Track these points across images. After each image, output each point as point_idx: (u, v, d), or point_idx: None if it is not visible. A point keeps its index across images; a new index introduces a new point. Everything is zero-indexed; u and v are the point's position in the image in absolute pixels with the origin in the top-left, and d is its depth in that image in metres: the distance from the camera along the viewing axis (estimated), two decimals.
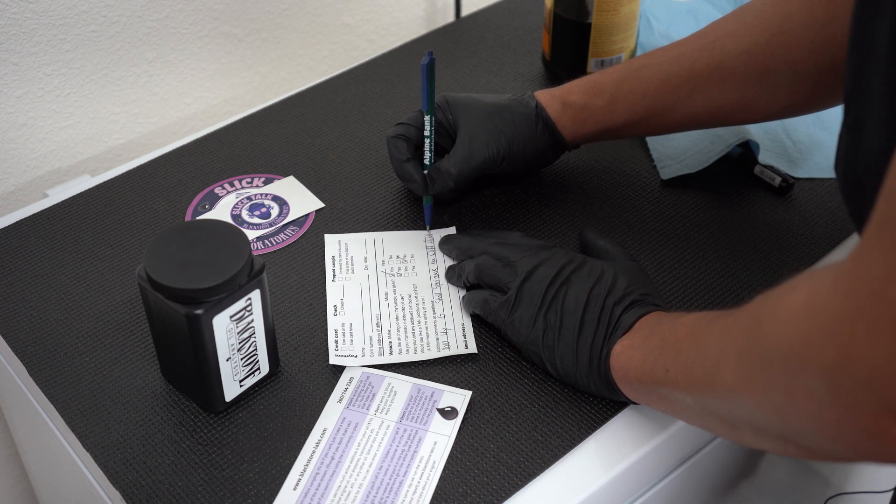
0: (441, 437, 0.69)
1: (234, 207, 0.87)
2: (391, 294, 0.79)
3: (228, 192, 0.89)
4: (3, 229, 0.86)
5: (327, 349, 0.75)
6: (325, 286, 0.80)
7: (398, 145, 0.82)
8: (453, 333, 0.76)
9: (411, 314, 0.77)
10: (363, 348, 0.75)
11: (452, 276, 0.79)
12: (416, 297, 0.79)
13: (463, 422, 0.70)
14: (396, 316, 0.77)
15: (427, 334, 0.76)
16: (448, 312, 0.77)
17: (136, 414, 0.71)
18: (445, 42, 1.08)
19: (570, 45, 0.98)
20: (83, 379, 0.73)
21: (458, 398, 0.71)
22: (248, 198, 0.88)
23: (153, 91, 1.03)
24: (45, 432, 0.78)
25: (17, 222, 0.87)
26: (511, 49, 1.07)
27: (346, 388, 0.72)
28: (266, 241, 0.84)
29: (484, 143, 0.81)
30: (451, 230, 0.85)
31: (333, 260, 0.82)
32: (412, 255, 0.82)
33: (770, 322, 0.49)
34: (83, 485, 0.74)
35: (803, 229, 0.85)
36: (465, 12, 1.20)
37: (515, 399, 0.72)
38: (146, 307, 0.68)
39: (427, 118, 0.81)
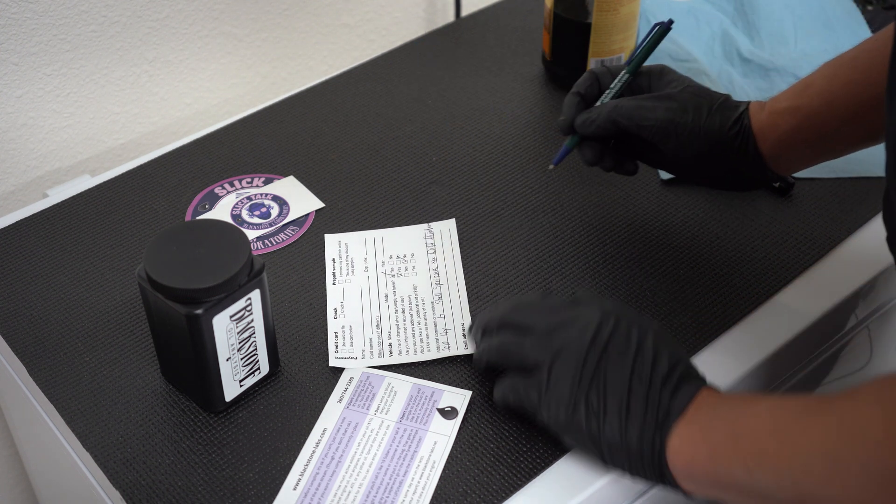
0: (441, 437, 0.69)
1: (234, 207, 0.87)
2: (391, 295, 0.79)
3: (228, 192, 0.89)
4: (3, 229, 0.86)
5: (327, 350, 0.75)
6: (325, 287, 0.80)
7: (581, 80, 0.80)
8: (453, 333, 0.76)
9: (411, 315, 0.77)
10: (363, 350, 0.75)
11: (472, 339, 0.73)
12: (416, 298, 0.79)
13: (463, 422, 0.70)
14: (396, 317, 0.77)
15: (427, 335, 0.76)
16: (448, 312, 0.77)
17: (136, 414, 0.71)
18: (445, 42, 1.08)
19: (570, 45, 0.98)
20: (83, 379, 0.73)
21: (458, 398, 0.71)
22: (248, 198, 0.88)
23: (153, 91, 1.03)
24: (45, 432, 0.78)
25: (17, 222, 0.87)
26: (511, 49, 1.07)
27: (346, 388, 0.72)
28: (266, 241, 0.84)
29: (649, 108, 0.75)
30: (451, 223, 0.85)
31: (334, 262, 0.82)
32: (412, 255, 0.82)
33: None
34: (83, 485, 0.74)
35: (803, 229, 0.85)
36: (465, 12, 1.20)
37: None
38: (146, 307, 0.68)
39: (622, 74, 0.78)
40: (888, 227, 0.60)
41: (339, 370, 0.73)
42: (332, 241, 0.84)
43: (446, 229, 0.85)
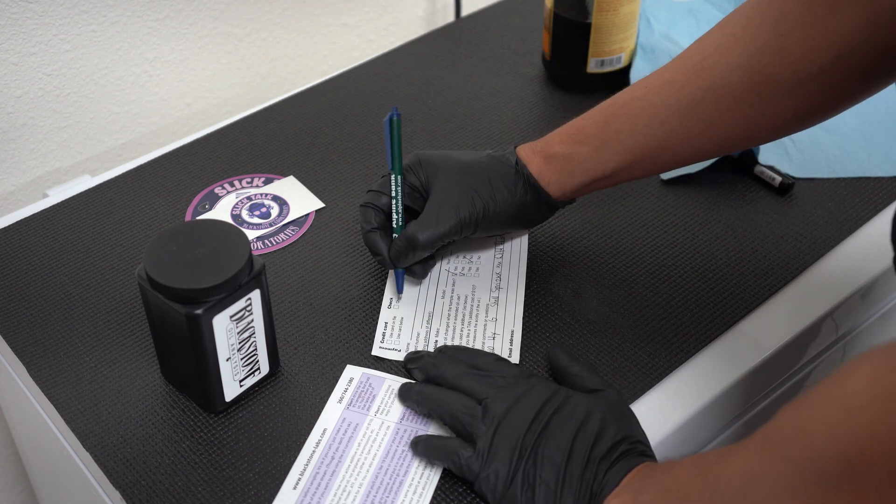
0: None
1: (234, 207, 0.87)
2: (448, 292, 0.79)
3: (228, 192, 0.89)
4: (3, 229, 0.86)
5: (327, 349, 0.75)
6: (324, 286, 0.80)
7: (366, 214, 0.77)
8: (500, 339, 0.75)
9: (463, 315, 0.77)
10: (408, 343, 0.75)
11: (409, 399, 0.70)
12: (473, 299, 0.78)
13: None
14: (448, 315, 0.77)
15: (474, 336, 0.75)
16: (500, 317, 0.77)
17: (136, 414, 0.71)
18: (445, 42, 1.09)
19: (570, 45, 0.98)
20: (83, 379, 0.73)
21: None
22: (248, 198, 0.88)
23: (153, 91, 1.03)
24: (45, 432, 0.78)
25: (17, 222, 0.87)
26: (511, 49, 1.07)
27: (346, 389, 0.72)
28: (266, 241, 0.84)
29: (455, 207, 0.75)
30: (523, 247, 0.83)
31: None
32: (479, 257, 0.82)
33: (820, 422, 0.40)
34: (83, 485, 0.74)
35: (803, 229, 0.85)
36: (465, 12, 1.20)
37: None
38: (146, 307, 0.68)
39: (393, 178, 0.76)
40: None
41: (339, 371, 0.73)
42: None
43: (517, 236, 0.84)
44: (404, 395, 0.70)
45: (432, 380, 0.70)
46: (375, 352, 0.74)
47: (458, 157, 0.78)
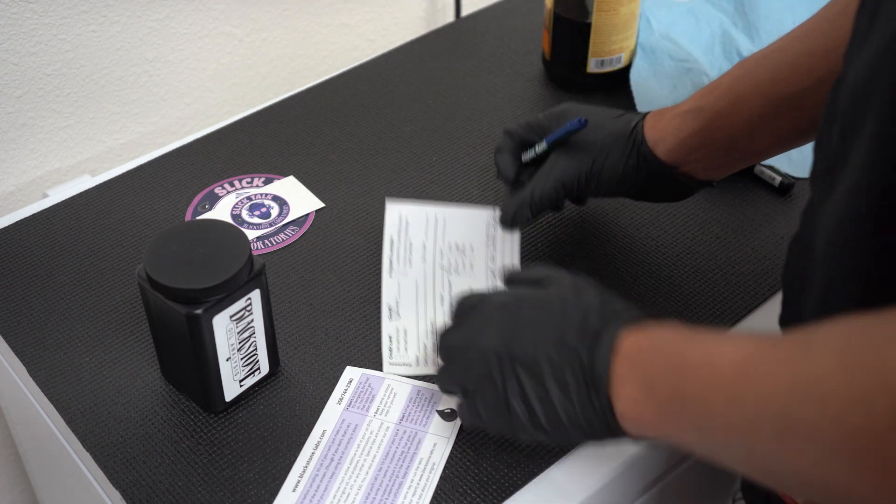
0: (441, 439, 0.69)
1: (234, 207, 0.87)
2: (447, 297, 0.78)
3: (228, 192, 0.89)
4: (3, 229, 0.86)
5: (327, 349, 0.75)
6: (324, 286, 0.80)
7: (505, 140, 0.80)
8: None
9: None
10: (417, 356, 0.74)
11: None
12: None
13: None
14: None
15: None
16: None
17: (136, 414, 0.71)
18: (445, 42, 1.09)
19: (570, 45, 0.98)
20: (83, 379, 0.73)
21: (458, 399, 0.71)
22: (248, 198, 0.88)
23: (153, 91, 1.03)
24: (45, 432, 0.78)
25: (17, 222, 0.87)
26: (511, 49, 1.07)
27: (346, 390, 0.72)
28: (266, 241, 0.84)
29: (561, 170, 0.75)
30: (515, 236, 0.82)
31: (392, 243, 0.81)
32: (472, 249, 0.81)
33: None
34: (83, 485, 0.74)
35: None
36: (465, 12, 1.20)
37: None
38: (146, 307, 0.68)
39: (541, 144, 0.77)
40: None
41: (339, 371, 0.73)
42: (392, 213, 0.82)
43: (509, 234, 0.83)
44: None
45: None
46: (387, 368, 0.73)
47: (595, 116, 0.76)
